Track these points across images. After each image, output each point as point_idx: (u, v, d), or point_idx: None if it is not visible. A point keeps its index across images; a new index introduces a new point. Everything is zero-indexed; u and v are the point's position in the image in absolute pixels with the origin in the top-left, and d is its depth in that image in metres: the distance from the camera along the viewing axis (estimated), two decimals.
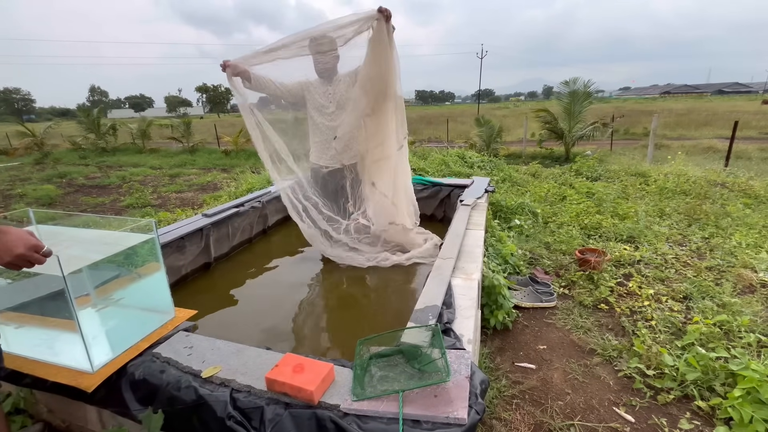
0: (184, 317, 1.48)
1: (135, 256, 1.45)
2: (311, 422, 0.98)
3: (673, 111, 21.51)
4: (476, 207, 2.82)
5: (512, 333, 2.14)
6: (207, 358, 1.21)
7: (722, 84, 71.59)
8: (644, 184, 5.27)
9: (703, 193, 4.49)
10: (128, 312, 1.48)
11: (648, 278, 2.65)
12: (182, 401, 1.09)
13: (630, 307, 2.30)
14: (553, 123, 9.77)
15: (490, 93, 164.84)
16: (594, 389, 1.71)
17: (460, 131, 15.79)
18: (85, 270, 1.37)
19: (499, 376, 1.80)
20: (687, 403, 1.61)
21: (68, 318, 1.19)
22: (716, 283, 2.53)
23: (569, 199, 4.58)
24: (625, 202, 4.37)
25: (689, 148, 9.50)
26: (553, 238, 3.41)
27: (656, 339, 1.98)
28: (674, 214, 3.93)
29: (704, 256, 2.98)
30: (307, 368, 1.06)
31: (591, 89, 9.49)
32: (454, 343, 1.21)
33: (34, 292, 1.39)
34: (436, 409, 0.95)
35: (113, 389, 1.21)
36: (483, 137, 10.00)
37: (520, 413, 1.59)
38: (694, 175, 5.22)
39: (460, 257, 1.91)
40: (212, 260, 2.61)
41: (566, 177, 5.96)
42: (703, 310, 2.20)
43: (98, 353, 1.23)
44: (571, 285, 2.63)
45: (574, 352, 1.97)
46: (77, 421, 1.40)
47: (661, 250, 3.06)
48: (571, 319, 2.23)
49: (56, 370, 1.23)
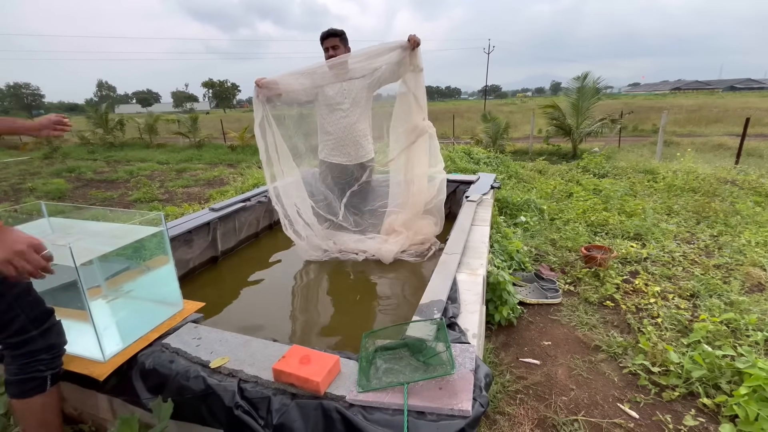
0: (193, 309, 1.50)
1: (144, 249, 1.47)
2: (317, 412, 0.99)
3: (684, 107, 21.18)
4: (482, 203, 2.81)
5: (517, 329, 2.14)
6: (215, 349, 1.23)
7: (734, 80, 70.26)
8: (652, 181, 5.21)
9: (712, 191, 4.44)
10: (138, 303, 1.51)
11: (655, 276, 2.63)
12: (191, 390, 1.11)
13: (636, 304, 2.29)
14: (560, 119, 9.68)
15: (497, 89, 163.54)
16: (598, 385, 1.71)
17: (466, 127, 15.70)
18: (96, 262, 1.40)
19: (503, 371, 1.81)
20: (692, 400, 1.61)
21: (80, 308, 1.21)
22: (724, 281, 2.51)
23: (576, 195, 4.55)
24: (633, 199, 4.33)
25: (699, 145, 9.37)
26: (559, 234, 3.39)
27: (662, 336, 1.97)
28: (682, 212, 3.89)
29: (712, 254, 2.96)
30: (314, 360, 1.07)
31: (600, 85, 9.38)
32: (459, 338, 1.21)
33: (46, 283, 1.42)
34: (440, 401, 0.96)
35: (124, 378, 1.24)
36: (489, 133, 9.94)
37: (523, 408, 1.59)
38: (704, 173, 5.15)
39: (465, 253, 1.91)
40: (219, 254, 2.63)
41: (573, 174, 5.92)
42: (710, 308, 2.19)
43: (109, 343, 1.26)
44: (577, 282, 2.62)
45: (579, 349, 1.97)
46: (89, 410, 1.43)
47: (668, 247, 3.04)
48: (576, 316, 2.23)
49: (69, 359, 1.25)
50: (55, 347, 1.13)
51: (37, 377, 1.10)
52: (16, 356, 1.08)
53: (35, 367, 1.09)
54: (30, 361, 1.08)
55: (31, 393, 1.10)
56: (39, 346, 1.09)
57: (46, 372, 1.11)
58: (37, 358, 1.09)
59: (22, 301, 1.07)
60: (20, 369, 1.08)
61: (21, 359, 1.08)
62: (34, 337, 1.08)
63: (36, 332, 1.08)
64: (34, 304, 1.10)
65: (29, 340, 1.07)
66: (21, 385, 1.09)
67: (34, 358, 1.09)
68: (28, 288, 1.09)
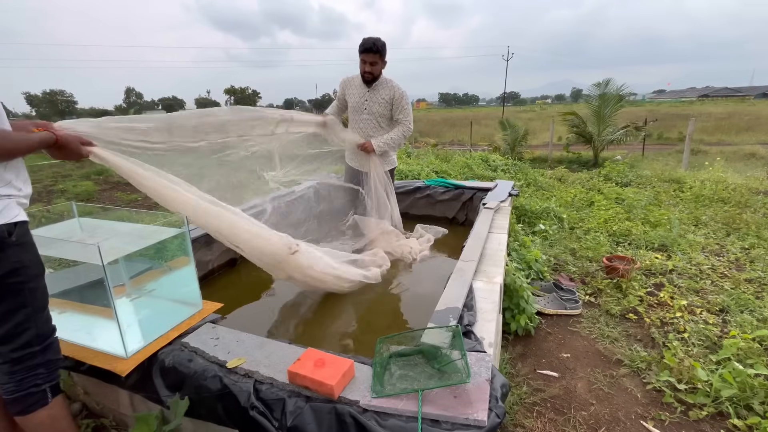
0: (211, 309, 1.53)
1: (166, 250, 1.51)
2: (331, 416, 0.99)
3: (712, 115, 20.43)
4: (499, 210, 2.78)
5: (535, 339, 2.09)
6: (232, 349, 1.25)
7: (767, 87, 67.44)
8: (679, 190, 5.03)
9: (743, 202, 4.25)
10: (159, 302, 1.55)
11: (681, 289, 2.53)
12: (208, 389, 1.13)
13: (661, 318, 2.21)
14: (581, 126, 9.49)
15: (516, 96, 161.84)
16: (620, 401, 1.65)
17: (483, 134, 15.58)
18: (122, 261, 1.45)
19: (520, 382, 1.77)
20: (721, 420, 1.53)
21: (106, 305, 1.26)
22: (756, 296, 2.39)
23: (597, 204, 4.43)
24: (658, 209, 4.18)
25: (729, 154, 9.01)
26: (579, 244, 3.31)
27: (689, 352, 1.89)
28: (711, 223, 3.74)
29: (743, 267, 2.82)
30: (328, 363, 1.07)
31: (623, 92, 9.17)
32: (475, 346, 1.19)
33: (74, 280, 1.48)
34: (455, 410, 0.94)
35: (145, 375, 1.27)
36: (507, 140, 9.83)
37: (541, 421, 1.55)
38: (734, 183, 4.95)
39: (482, 260, 1.88)
40: (238, 257, 2.68)
41: (594, 182, 5.77)
42: (742, 324, 2.09)
43: (132, 340, 1.30)
44: (598, 293, 2.54)
45: (600, 362, 1.90)
46: (110, 404, 1.48)
47: (696, 259, 2.92)
48: (596, 328, 2.16)
49: (93, 354, 1.30)
50: (52, 363, 1.13)
51: (35, 392, 1.09)
52: (13, 372, 1.07)
53: (32, 381, 1.09)
54: (27, 376, 1.08)
55: (33, 408, 1.09)
56: (38, 362, 1.09)
57: (44, 385, 1.11)
58: (35, 373, 1.09)
59: (39, 316, 1.08)
60: (17, 385, 1.07)
61: (18, 375, 1.07)
62: (36, 352, 1.08)
63: (38, 348, 1.09)
64: (46, 320, 1.12)
65: (31, 355, 1.08)
66: (21, 401, 1.09)
67: (31, 373, 1.09)
68: (45, 304, 1.11)
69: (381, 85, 2.57)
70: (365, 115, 2.62)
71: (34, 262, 1.07)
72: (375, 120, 2.63)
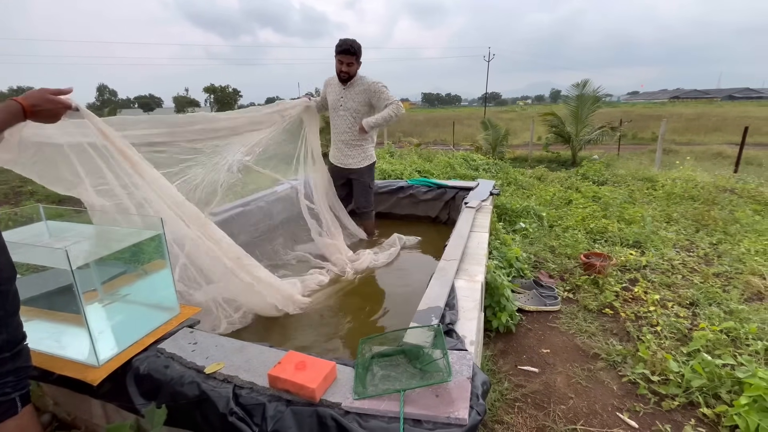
0: (189, 314, 1.49)
1: (141, 253, 1.47)
2: (312, 419, 0.98)
3: (683, 116, 21.30)
4: (481, 209, 2.81)
5: (515, 336, 2.13)
6: (210, 354, 1.22)
7: (733, 89, 70.70)
8: (652, 189, 5.22)
9: (711, 199, 4.44)
10: (134, 308, 1.50)
11: (654, 283, 2.63)
12: (185, 396, 1.10)
13: (635, 312, 2.28)
14: (560, 127, 9.73)
15: (497, 96, 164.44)
16: (597, 394, 1.70)
17: (466, 134, 15.77)
18: (93, 265, 1.39)
19: (501, 378, 1.79)
20: (692, 410, 1.59)
21: (76, 312, 1.20)
22: (723, 289, 2.50)
23: (575, 203, 4.55)
24: (632, 206, 4.33)
25: (698, 154, 9.41)
26: (558, 241, 3.39)
27: (661, 345, 1.96)
28: (682, 220, 3.89)
29: (712, 262, 2.95)
30: (309, 366, 1.06)
31: (599, 93, 9.45)
32: (456, 344, 1.20)
33: (42, 286, 1.41)
34: (437, 409, 0.95)
35: (118, 383, 1.22)
36: (489, 140, 9.98)
37: (522, 416, 1.58)
38: (703, 181, 5.16)
39: (464, 259, 1.90)
40: None
41: (572, 181, 5.92)
42: (710, 316, 2.18)
43: (104, 347, 1.25)
44: (576, 289, 2.61)
45: (578, 357, 1.95)
46: (82, 414, 1.42)
47: (667, 255, 3.03)
48: (575, 323, 2.22)
49: (63, 363, 1.24)
50: (22, 370, 1.08)
51: (4, 401, 1.04)
52: None
53: (1, 390, 1.03)
54: None
55: (1, 418, 1.04)
56: (8, 368, 1.04)
57: (13, 394, 1.05)
58: (3, 381, 1.04)
59: (10, 321, 1.03)
60: None
61: None
62: (6, 359, 1.03)
63: (8, 354, 1.03)
64: (17, 325, 1.07)
65: (1, 361, 1.02)
66: None
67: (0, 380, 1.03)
68: (17, 309, 1.06)
69: (356, 82, 2.71)
70: (341, 111, 2.76)
71: (5, 264, 1.02)
72: (351, 116, 2.75)
